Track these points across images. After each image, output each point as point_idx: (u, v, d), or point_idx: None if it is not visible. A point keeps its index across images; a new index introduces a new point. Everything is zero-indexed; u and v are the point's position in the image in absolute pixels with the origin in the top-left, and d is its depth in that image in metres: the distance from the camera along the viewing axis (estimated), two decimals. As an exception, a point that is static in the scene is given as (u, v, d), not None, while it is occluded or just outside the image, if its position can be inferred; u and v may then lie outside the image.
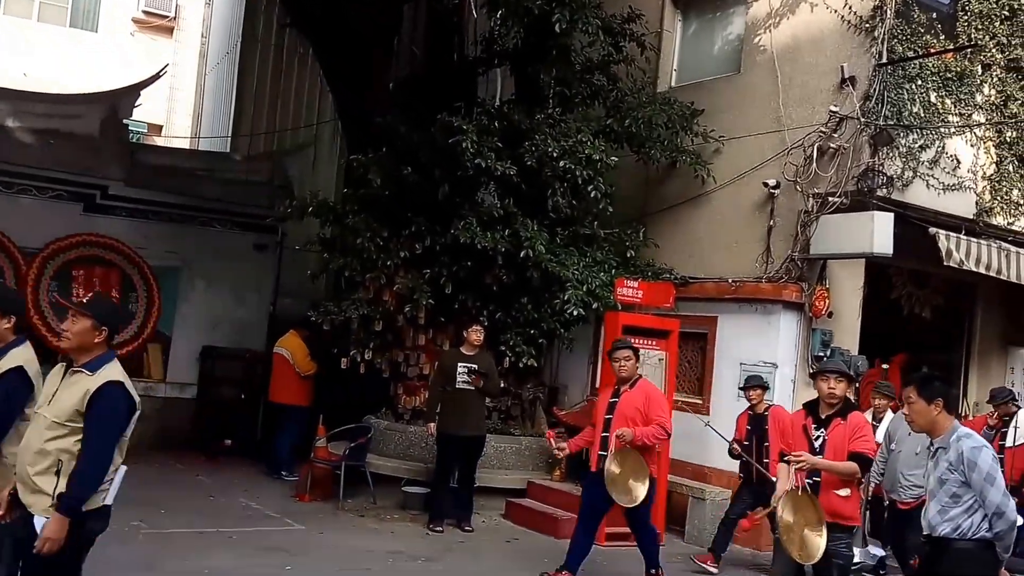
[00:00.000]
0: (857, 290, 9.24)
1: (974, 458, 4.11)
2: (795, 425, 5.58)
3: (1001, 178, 9.60)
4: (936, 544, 4.20)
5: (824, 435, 5.30)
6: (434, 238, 9.38)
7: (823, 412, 5.40)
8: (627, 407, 6.40)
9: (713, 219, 9.84)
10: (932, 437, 4.33)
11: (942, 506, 4.17)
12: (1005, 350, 10.81)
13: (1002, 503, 4.08)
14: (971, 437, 4.28)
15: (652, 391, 6.58)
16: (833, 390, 5.36)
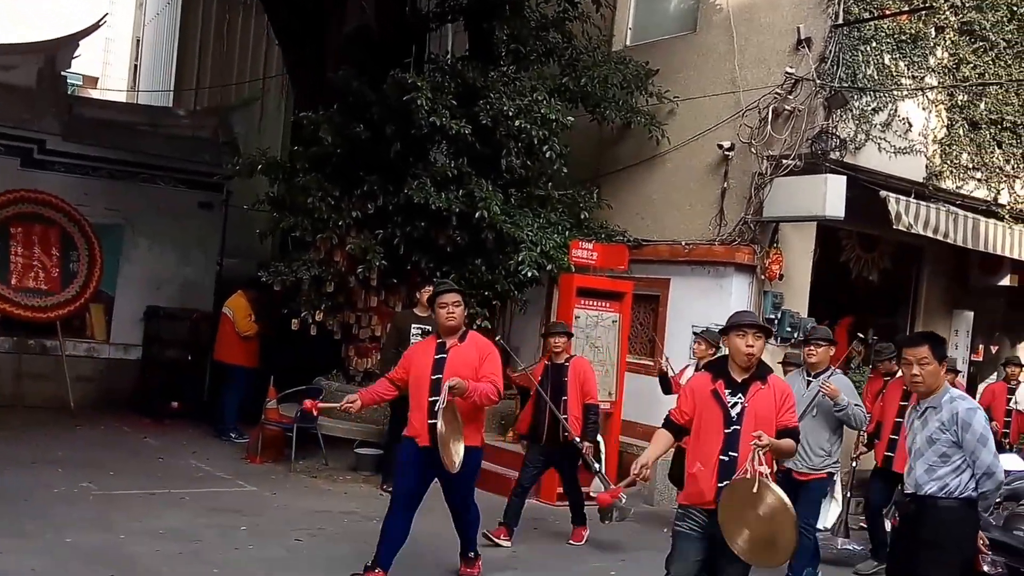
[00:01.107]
0: (808, 253, 9.33)
1: (969, 419, 4.17)
2: (699, 389, 4.25)
3: (951, 142, 9.72)
4: (921, 502, 4.26)
5: (743, 402, 4.12)
6: (387, 198, 9.19)
7: (736, 375, 4.19)
8: (458, 364, 5.17)
9: (667, 181, 9.81)
10: (922, 397, 4.36)
11: (930, 465, 4.23)
12: (950, 313, 11.05)
13: (992, 464, 4.17)
14: (964, 399, 4.34)
15: (485, 345, 5.37)
16: (752, 348, 4.15)
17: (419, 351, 5.40)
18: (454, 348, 5.23)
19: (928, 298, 11.00)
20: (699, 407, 4.22)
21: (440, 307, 5.27)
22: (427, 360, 5.22)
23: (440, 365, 5.17)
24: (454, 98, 8.70)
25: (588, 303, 8.68)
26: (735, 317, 4.31)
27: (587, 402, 6.92)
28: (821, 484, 6.17)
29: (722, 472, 4.05)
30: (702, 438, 4.17)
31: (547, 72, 9.69)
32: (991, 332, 11.58)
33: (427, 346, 5.38)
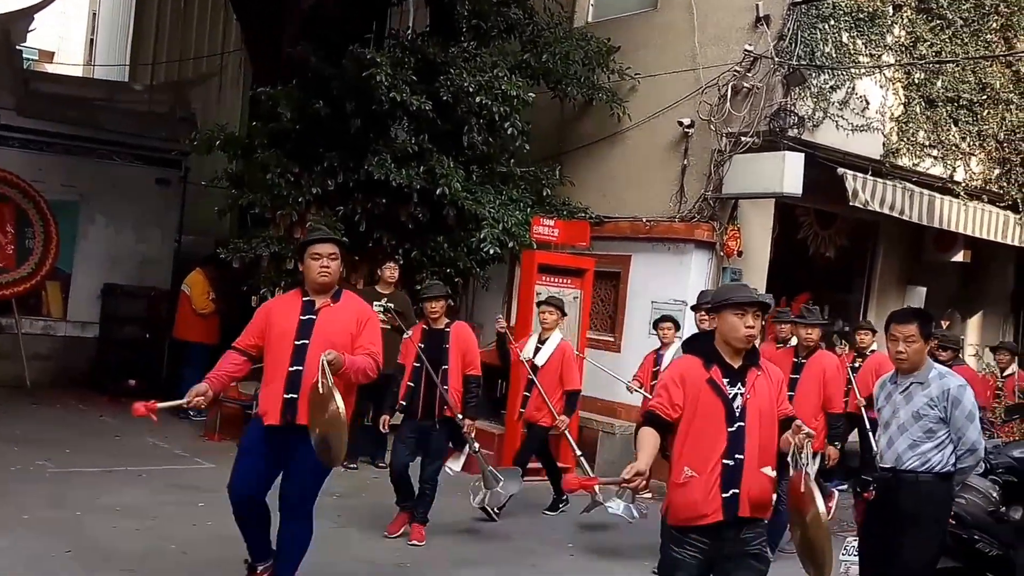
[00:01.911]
0: (767, 229, 9.43)
1: (959, 396, 4.23)
2: (691, 378, 3.50)
3: (908, 119, 9.83)
4: (900, 477, 4.30)
5: (744, 394, 3.49)
6: (347, 174, 9.12)
7: (731, 359, 3.51)
8: (331, 330, 4.29)
9: (628, 158, 9.85)
10: (906, 373, 4.38)
11: (914, 440, 4.26)
12: (903, 288, 11.25)
13: (977, 441, 4.25)
14: (953, 375, 4.39)
15: (363, 309, 4.51)
16: (752, 330, 3.48)
17: (278, 309, 4.44)
18: (325, 309, 4.32)
19: (883, 274, 11.18)
20: (692, 399, 3.46)
21: (312, 258, 4.31)
22: (290, 322, 4.29)
23: (307, 329, 4.26)
24: (414, 74, 8.64)
25: (550, 280, 8.72)
26: (729, 292, 3.61)
27: (468, 373, 6.24)
28: None
29: (728, 479, 3.37)
30: (697, 438, 3.43)
31: (508, 48, 9.65)
32: (944, 308, 11.80)
33: (289, 304, 4.41)
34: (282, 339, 4.29)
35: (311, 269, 4.34)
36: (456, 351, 6.20)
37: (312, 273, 4.34)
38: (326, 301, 4.37)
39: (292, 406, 4.21)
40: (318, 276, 4.32)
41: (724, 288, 3.89)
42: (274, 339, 4.33)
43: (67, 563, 4.99)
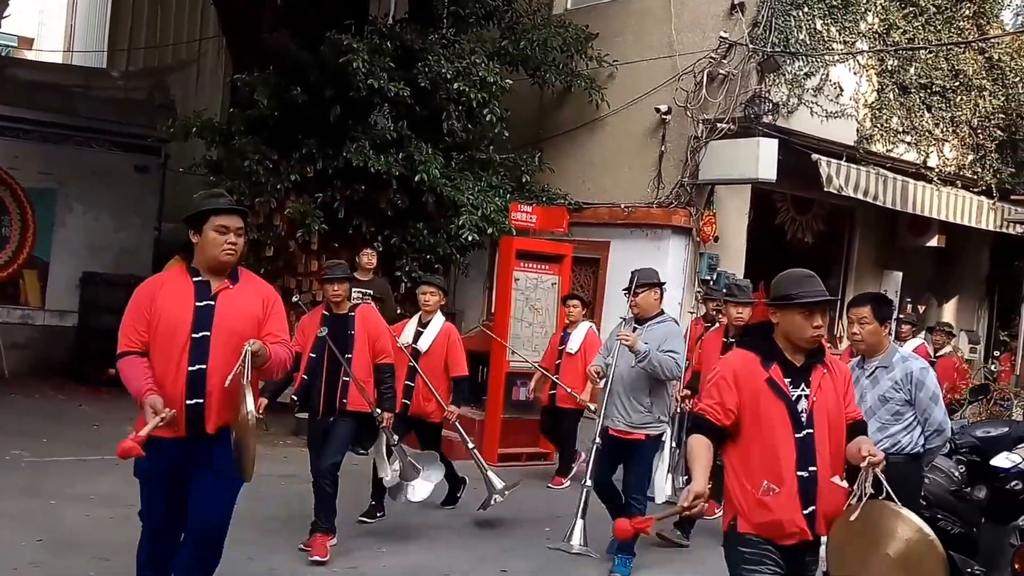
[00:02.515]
0: (743, 215, 9.52)
1: (923, 378, 4.31)
2: (746, 377, 3.10)
3: (882, 106, 9.94)
4: None
5: (808, 396, 3.09)
6: (326, 161, 9.13)
7: (792, 356, 3.12)
8: (235, 316, 3.55)
9: (607, 144, 9.90)
10: (869, 357, 4.43)
11: (883, 423, 4.31)
12: (880, 273, 11.38)
13: (944, 421, 4.35)
14: (917, 358, 4.47)
15: (269, 291, 3.75)
16: (820, 330, 3.11)
17: (165, 295, 3.55)
18: (225, 293, 3.54)
19: (860, 259, 11.30)
20: (749, 402, 3.07)
21: (217, 231, 3.49)
22: (183, 309, 3.50)
23: (206, 317, 3.49)
24: (392, 61, 8.66)
25: (528, 266, 8.79)
26: (794, 286, 3.10)
27: (379, 362, 5.54)
28: (647, 446, 5.48)
29: (805, 494, 3.02)
30: (763, 447, 3.05)
31: (486, 35, 9.67)
32: (921, 292, 11.96)
33: (177, 288, 3.56)
34: (175, 331, 3.47)
35: (214, 245, 3.49)
36: (362, 338, 5.41)
37: (214, 249, 3.49)
38: (224, 283, 3.56)
39: (198, 413, 3.46)
40: (222, 254, 3.49)
41: (788, 279, 3.16)
42: (164, 331, 3.48)
43: (37, 551, 4.95)
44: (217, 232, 3.50)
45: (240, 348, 3.39)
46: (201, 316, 3.50)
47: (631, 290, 5.58)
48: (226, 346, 3.46)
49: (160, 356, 3.50)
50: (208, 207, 3.54)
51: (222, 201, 3.62)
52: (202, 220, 3.52)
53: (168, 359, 3.48)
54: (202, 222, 3.52)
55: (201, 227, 3.52)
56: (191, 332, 3.48)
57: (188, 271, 3.59)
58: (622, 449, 5.47)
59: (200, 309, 3.51)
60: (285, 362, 3.65)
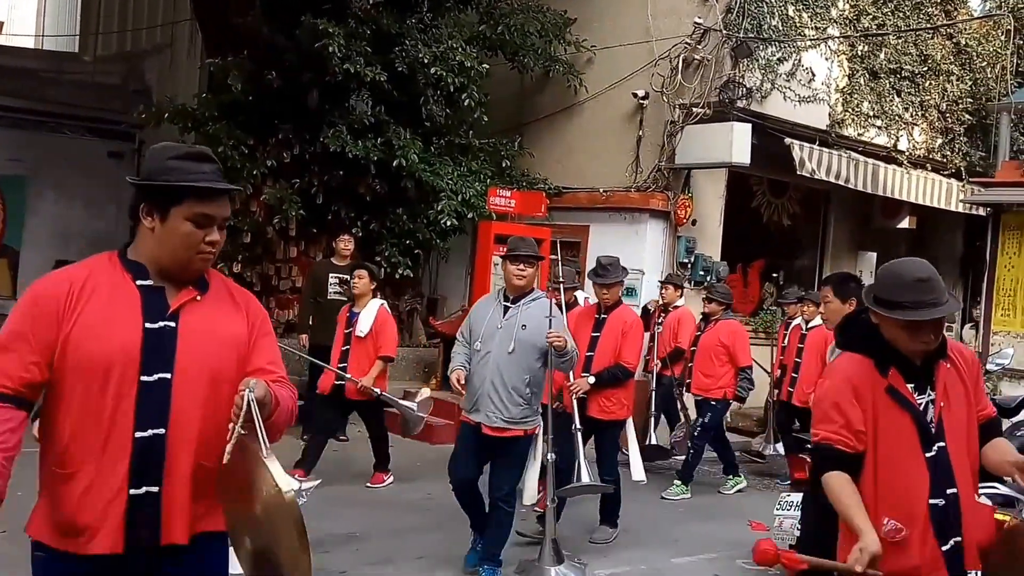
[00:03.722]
0: (719, 198, 9.64)
1: None
2: (867, 390, 2.50)
3: (853, 91, 10.10)
4: None
5: (936, 402, 2.52)
6: (303, 146, 9.11)
7: (913, 356, 2.51)
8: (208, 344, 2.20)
9: (586, 129, 9.97)
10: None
11: None
12: (855, 254, 11.59)
13: None
14: None
15: (249, 300, 2.39)
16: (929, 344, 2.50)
17: (93, 307, 2.12)
18: (191, 308, 2.20)
19: (835, 240, 11.50)
20: (871, 419, 2.49)
21: (196, 221, 2.14)
22: (123, 333, 2.12)
23: (163, 348, 2.14)
24: (369, 45, 8.64)
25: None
26: (901, 290, 2.45)
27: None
28: (523, 443, 4.74)
29: (943, 525, 2.46)
30: (889, 474, 2.48)
31: (464, 20, 9.68)
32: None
33: (112, 294, 2.15)
34: (109, 370, 2.07)
35: (186, 242, 2.13)
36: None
37: (186, 251, 2.14)
38: (187, 292, 2.19)
39: (150, 510, 2.11)
40: (196, 258, 2.16)
41: (894, 280, 2.48)
42: (87, 369, 2.07)
43: (1, 543, 4.64)
44: (194, 223, 2.12)
45: (218, 397, 2.14)
46: (155, 345, 2.11)
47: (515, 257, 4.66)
48: (196, 395, 2.12)
49: (79, 412, 2.07)
50: (187, 183, 2.11)
51: (206, 171, 2.15)
52: (170, 198, 2.12)
53: (94, 418, 2.07)
54: (169, 201, 2.12)
55: (165, 208, 2.11)
56: (139, 373, 2.08)
57: (125, 267, 2.15)
58: (492, 448, 4.63)
59: (153, 334, 2.11)
60: (292, 411, 2.28)
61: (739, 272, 10.48)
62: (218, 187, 2.18)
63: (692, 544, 5.89)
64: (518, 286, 4.64)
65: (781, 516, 5.12)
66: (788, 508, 5.09)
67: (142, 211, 2.15)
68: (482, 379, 4.58)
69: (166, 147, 2.18)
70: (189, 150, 2.20)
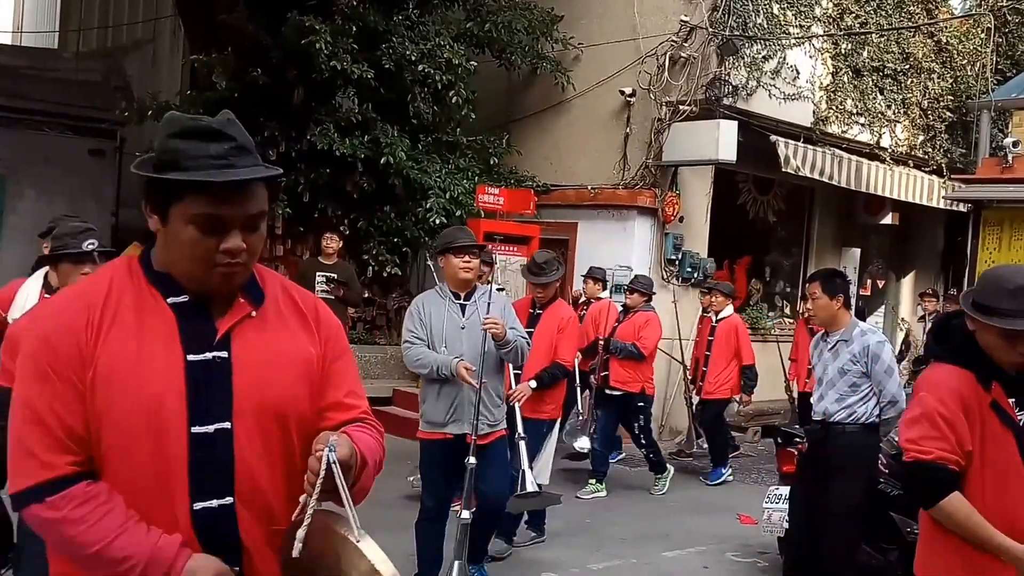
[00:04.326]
0: (705, 195, 9.69)
1: (878, 352, 4.44)
2: (973, 405, 2.40)
3: (836, 88, 10.18)
4: (829, 429, 4.53)
5: None
6: (289, 144, 9.06)
7: (1009, 368, 2.44)
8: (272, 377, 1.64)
9: (573, 126, 9.99)
10: (831, 330, 4.60)
11: (840, 394, 4.47)
12: (839, 250, 11.69)
13: (897, 393, 4.46)
14: (875, 332, 4.62)
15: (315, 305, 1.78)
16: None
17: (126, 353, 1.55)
18: (249, 325, 1.65)
19: (819, 237, 11.59)
20: (977, 436, 2.39)
21: (206, 223, 1.56)
22: (161, 372, 1.57)
23: (217, 385, 1.60)
24: (355, 42, 8.60)
25: (496, 248, 8.82)
26: (1002, 296, 2.38)
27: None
28: (504, 443, 4.54)
29: None
30: (996, 495, 2.39)
31: (451, 17, 9.66)
32: (877, 268, 12.32)
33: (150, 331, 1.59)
34: (148, 424, 1.56)
35: (193, 249, 1.58)
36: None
37: (193, 262, 1.60)
38: (240, 307, 1.66)
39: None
40: (214, 271, 1.60)
41: (996, 285, 2.42)
42: (120, 426, 1.56)
43: None
44: (198, 228, 1.55)
45: (290, 444, 1.64)
46: (205, 385, 1.59)
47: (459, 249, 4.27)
48: (267, 446, 1.62)
49: (113, 483, 1.56)
50: (183, 173, 1.53)
51: (214, 154, 1.55)
52: (166, 194, 1.56)
53: (135, 489, 1.56)
54: (165, 197, 1.56)
55: (164, 207, 1.57)
56: (189, 424, 1.57)
57: (150, 280, 1.62)
58: (464, 456, 4.20)
59: (199, 370, 1.58)
60: (381, 462, 1.77)
61: (725, 268, 10.55)
62: (221, 180, 1.52)
63: (682, 538, 5.96)
64: (466, 280, 4.28)
65: (770, 509, 5.26)
66: (776, 501, 5.22)
67: (144, 208, 1.59)
68: (459, 387, 4.20)
69: (172, 119, 1.61)
70: (194, 124, 1.56)
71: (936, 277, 12.97)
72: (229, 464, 1.59)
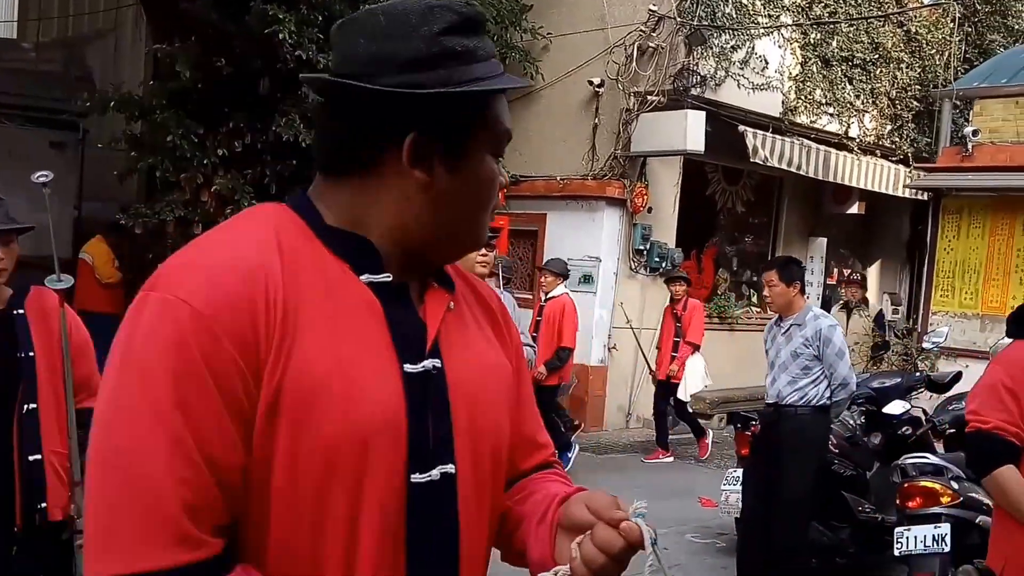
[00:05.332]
0: (674, 186, 9.69)
1: (830, 335, 4.56)
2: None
3: (805, 78, 10.21)
4: (781, 411, 4.66)
5: None
6: (255, 135, 8.92)
7: None
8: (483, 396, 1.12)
9: (542, 117, 9.93)
10: (786, 315, 4.72)
11: (792, 377, 4.59)
12: (806, 239, 11.75)
13: (848, 375, 4.59)
14: (827, 316, 4.77)
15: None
16: None
17: (325, 348, 0.97)
18: (450, 326, 1.11)
19: (787, 226, 11.65)
20: None
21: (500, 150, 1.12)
22: (385, 393, 1.00)
23: (436, 409, 1.05)
24: (321, 32, 8.49)
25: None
26: None
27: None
28: None
29: None
30: None
31: (418, 6, 9.55)
32: (844, 257, 12.40)
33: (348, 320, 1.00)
34: (354, 464, 0.97)
35: (492, 189, 1.11)
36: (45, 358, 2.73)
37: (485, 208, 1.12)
38: (439, 295, 1.12)
39: None
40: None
41: None
42: (309, 464, 0.95)
43: None
44: (496, 156, 1.12)
45: (498, 492, 1.16)
46: (424, 409, 1.04)
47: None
48: (483, 499, 1.11)
49: (280, 551, 0.97)
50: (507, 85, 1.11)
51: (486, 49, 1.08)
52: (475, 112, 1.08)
53: (311, 560, 0.97)
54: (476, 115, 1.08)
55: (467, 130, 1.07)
56: (408, 466, 1.01)
57: (327, 243, 1.05)
58: None
59: (415, 384, 1.03)
60: None
61: (693, 258, 10.57)
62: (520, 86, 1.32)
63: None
64: (482, 275, 3.77)
65: (728, 491, 5.42)
66: (734, 484, 5.38)
67: (414, 150, 1.03)
68: None
69: (433, 8, 1.05)
70: (470, 12, 1.07)
71: (902, 266, 13.09)
72: (454, 527, 1.05)
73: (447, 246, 1.10)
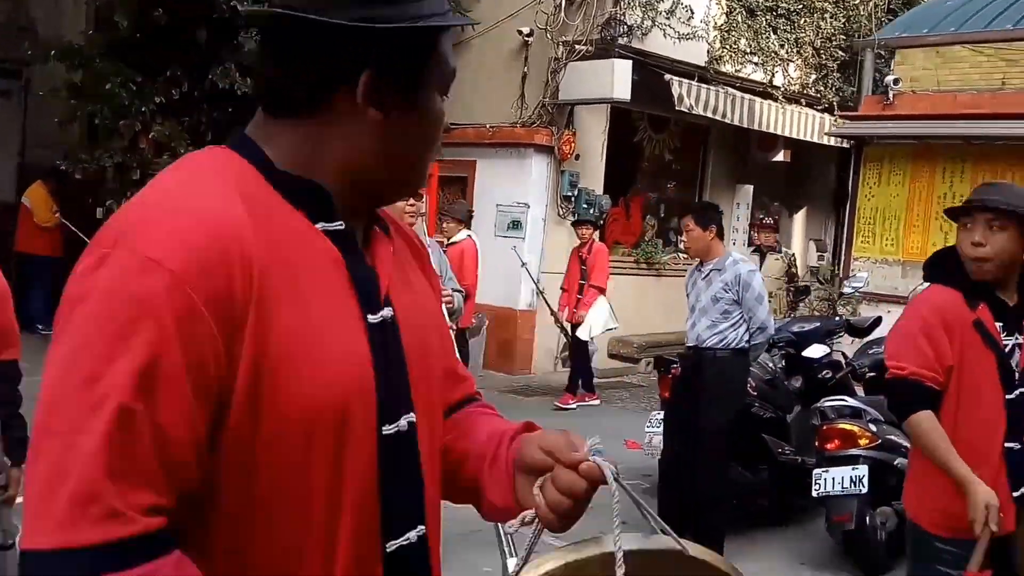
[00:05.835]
0: (601, 134, 10.05)
1: (749, 280, 4.74)
2: (956, 324, 2.45)
3: (731, 28, 10.55)
4: (701, 354, 4.83)
5: (1022, 350, 2.51)
6: (192, 84, 9.15)
7: (1005, 294, 2.50)
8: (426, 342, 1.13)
9: (473, 66, 10.17)
10: (705, 260, 4.89)
11: (712, 321, 4.75)
12: (733, 187, 12.18)
13: (767, 320, 4.78)
14: (746, 262, 4.94)
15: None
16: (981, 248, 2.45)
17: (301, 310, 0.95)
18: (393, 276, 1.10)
19: (714, 174, 12.05)
20: (957, 355, 2.42)
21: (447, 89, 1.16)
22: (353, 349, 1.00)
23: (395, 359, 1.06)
24: (254, -18, 8.67)
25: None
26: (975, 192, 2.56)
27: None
28: None
29: (1014, 472, 2.45)
30: (966, 413, 2.44)
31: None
32: (769, 204, 12.86)
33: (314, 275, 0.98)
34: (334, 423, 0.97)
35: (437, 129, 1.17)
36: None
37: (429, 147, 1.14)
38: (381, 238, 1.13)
39: None
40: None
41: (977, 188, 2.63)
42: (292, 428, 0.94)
43: None
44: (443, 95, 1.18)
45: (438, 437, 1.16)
46: (384, 358, 1.03)
47: None
48: (432, 450, 1.11)
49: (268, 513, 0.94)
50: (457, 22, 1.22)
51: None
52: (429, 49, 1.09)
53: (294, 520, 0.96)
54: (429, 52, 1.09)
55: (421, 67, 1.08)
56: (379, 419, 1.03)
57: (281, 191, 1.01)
58: None
59: (376, 335, 1.03)
60: None
61: (621, 205, 10.97)
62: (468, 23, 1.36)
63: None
64: (410, 224, 3.88)
65: (651, 433, 5.55)
66: (656, 426, 5.50)
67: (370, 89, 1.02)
68: None
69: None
70: None
71: (828, 213, 13.59)
72: (417, 475, 1.06)
73: (395, 187, 1.11)
